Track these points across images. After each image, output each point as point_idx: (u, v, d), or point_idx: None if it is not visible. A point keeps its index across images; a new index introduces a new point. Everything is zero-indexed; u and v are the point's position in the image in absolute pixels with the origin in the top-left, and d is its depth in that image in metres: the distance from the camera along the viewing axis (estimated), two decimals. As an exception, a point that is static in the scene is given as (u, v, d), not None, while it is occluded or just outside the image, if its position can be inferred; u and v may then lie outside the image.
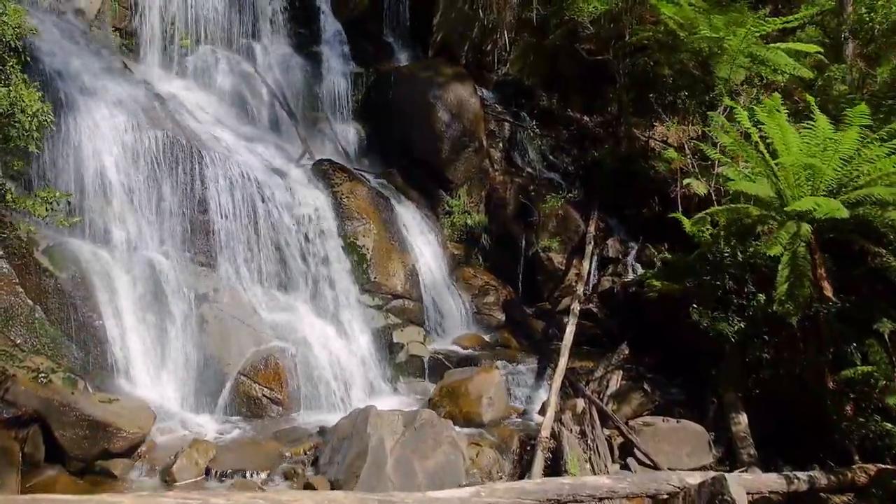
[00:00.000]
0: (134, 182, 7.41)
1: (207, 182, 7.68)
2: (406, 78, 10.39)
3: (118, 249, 7.14)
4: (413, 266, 8.68)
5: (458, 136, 9.95)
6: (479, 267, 9.87)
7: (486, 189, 10.20)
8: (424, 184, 9.98)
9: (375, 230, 8.50)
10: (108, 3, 9.14)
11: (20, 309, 6.38)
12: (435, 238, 9.44)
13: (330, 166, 8.90)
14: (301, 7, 11.12)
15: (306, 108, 10.61)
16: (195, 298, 7.21)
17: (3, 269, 6.44)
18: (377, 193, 8.96)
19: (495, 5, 11.25)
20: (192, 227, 7.54)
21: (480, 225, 9.99)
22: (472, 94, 10.31)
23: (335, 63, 11.01)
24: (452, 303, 9.03)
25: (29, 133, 5.55)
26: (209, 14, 9.90)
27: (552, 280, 9.56)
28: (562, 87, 12.31)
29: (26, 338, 6.33)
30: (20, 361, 6.10)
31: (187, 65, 9.64)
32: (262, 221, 7.85)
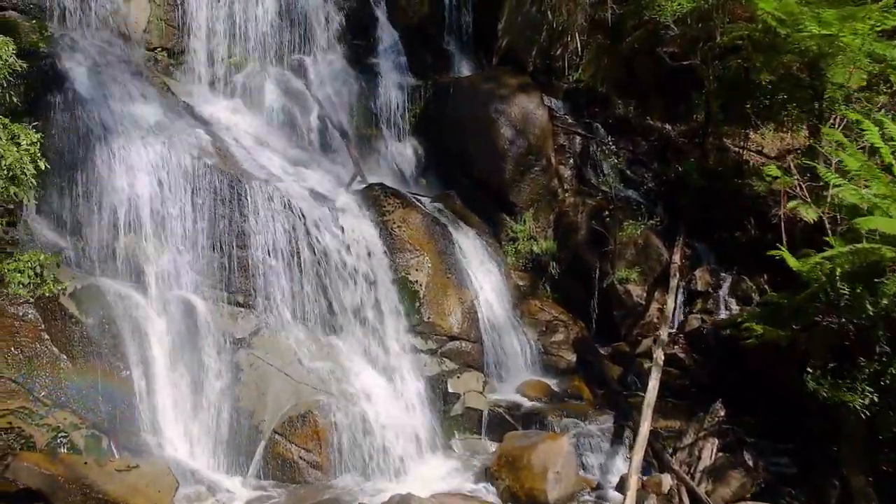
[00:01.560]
0: (169, 216, 6.86)
1: (247, 214, 7.05)
2: (466, 90, 9.51)
3: (151, 290, 6.60)
4: (471, 302, 7.78)
5: (523, 153, 8.97)
6: (546, 299, 8.86)
7: (554, 212, 9.18)
8: (486, 207, 9.06)
9: (430, 263, 7.65)
10: (155, 23, 8.70)
11: (45, 358, 5.92)
12: (497, 268, 8.50)
13: (381, 191, 8.12)
14: (356, 17, 10.42)
15: (360, 125, 9.91)
16: (231, 344, 6.58)
17: (29, 315, 6.00)
18: (432, 221, 8.12)
19: (565, 7, 10.20)
20: (229, 263, 6.92)
21: (548, 252, 8.98)
22: (539, 105, 9.31)
23: (391, 75, 10.25)
24: (516, 342, 8.07)
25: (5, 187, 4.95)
26: (259, 29, 9.33)
27: (630, 316, 8.43)
28: (640, 93, 11.12)
29: (51, 390, 5.85)
30: (41, 419, 5.63)
31: (235, 84, 9.11)
32: (305, 256, 7.15)
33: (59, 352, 5.98)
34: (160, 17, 8.71)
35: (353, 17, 10.38)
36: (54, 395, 5.81)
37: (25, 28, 7.28)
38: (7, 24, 7.21)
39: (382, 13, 10.74)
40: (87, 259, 6.62)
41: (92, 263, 6.62)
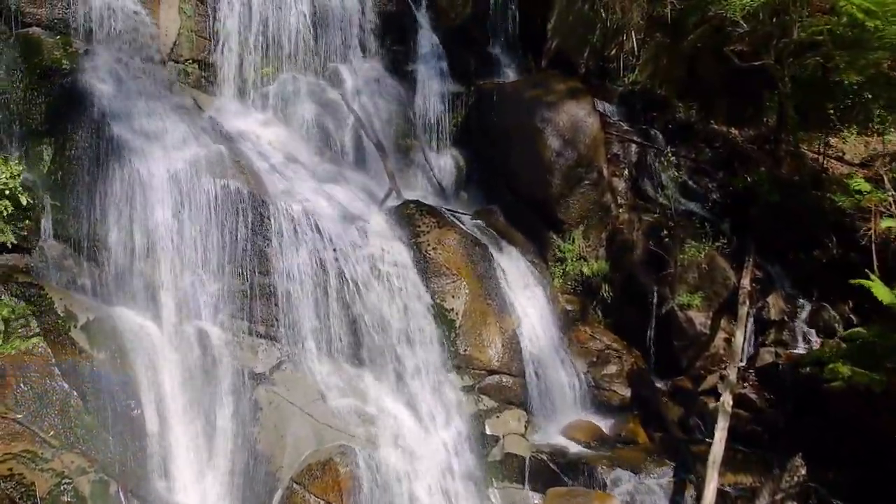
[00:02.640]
0: (188, 239, 6.45)
1: (270, 237, 6.58)
2: (510, 97, 8.81)
3: (167, 320, 6.19)
4: (513, 331, 7.10)
5: (572, 165, 8.21)
6: (597, 325, 8.08)
7: (607, 229, 8.36)
8: (531, 224, 8.34)
9: (467, 289, 7.01)
10: (186, 34, 8.36)
11: (55, 395, 5.57)
12: (542, 292, 7.78)
13: (416, 209, 7.52)
14: (395, 21, 9.86)
15: (398, 136, 9.35)
16: (250, 379, 6.11)
17: (40, 348, 5.67)
18: (472, 241, 7.46)
19: (619, 5, 9.36)
20: (251, 291, 6.45)
21: (600, 274, 8.19)
22: (590, 112, 8.52)
23: (431, 82, 9.65)
24: (563, 375, 7.33)
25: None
26: (292, 37, 8.89)
27: (693, 347, 7.56)
28: (702, 94, 10.19)
29: (59, 430, 5.49)
30: (45, 463, 5.27)
31: (267, 95, 8.68)
32: (332, 282, 6.62)
33: (70, 388, 5.62)
34: (191, 28, 8.37)
35: (392, 22, 9.83)
36: (63, 436, 5.45)
37: (49, 45, 7.02)
38: (30, 41, 6.97)
39: (423, 16, 10.15)
40: (103, 286, 6.28)
41: (108, 291, 6.27)
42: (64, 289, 6.07)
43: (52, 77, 6.85)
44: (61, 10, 7.25)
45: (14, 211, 5.95)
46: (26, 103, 6.72)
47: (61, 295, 5.91)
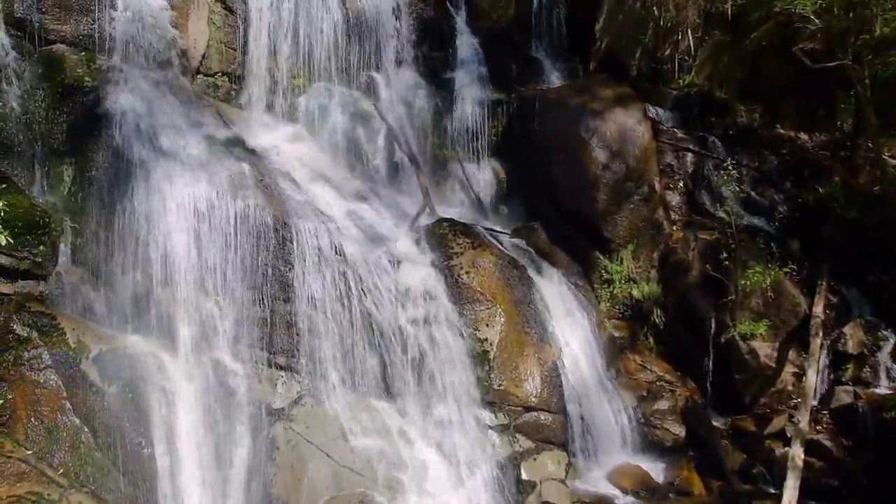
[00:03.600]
0: (206, 264, 6.12)
1: (292, 261, 6.20)
2: (553, 104, 8.20)
3: (183, 350, 5.87)
4: (553, 363, 6.50)
5: (620, 179, 7.54)
6: (648, 353, 7.39)
7: (659, 249, 7.66)
8: (575, 243, 7.71)
9: (503, 316, 6.45)
10: (215, 46, 8.09)
11: (66, 430, 5.33)
12: (587, 317, 7.14)
13: (449, 228, 7.01)
14: (432, 26, 9.38)
15: (434, 147, 8.87)
16: (268, 415, 5.74)
17: (51, 381, 5.43)
18: (509, 262, 6.90)
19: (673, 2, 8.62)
20: (271, 319, 6.08)
21: (651, 297, 7.50)
22: (641, 120, 7.82)
23: (470, 89, 9.12)
24: (609, 410, 6.69)
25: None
26: (324, 47, 8.52)
27: (756, 381, 6.79)
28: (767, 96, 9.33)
29: (69, 467, 5.24)
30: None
31: (297, 107, 8.34)
32: (357, 310, 6.19)
33: (81, 423, 5.36)
34: (220, 40, 8.10)
35: (429, 27, 9.35)
36: (72, 473, 5.20)
37: (72, 62, 6.82)
38: (53, 58, 6.78)
39: (461, 19, 9.63)
40: (119, 314, 6.00)
41: (124, 319, 6.00)
42: (78, 317, 5.82)
43: (74, 95, 6.64)
44: (87, 25, 7.05)
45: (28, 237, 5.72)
46: (48, 123, 6.53)
47: (74, 324, 5.66)
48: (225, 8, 8.15)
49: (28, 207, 5.90)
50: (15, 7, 6.61)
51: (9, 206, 5.77)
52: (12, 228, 5.68)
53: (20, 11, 6.63)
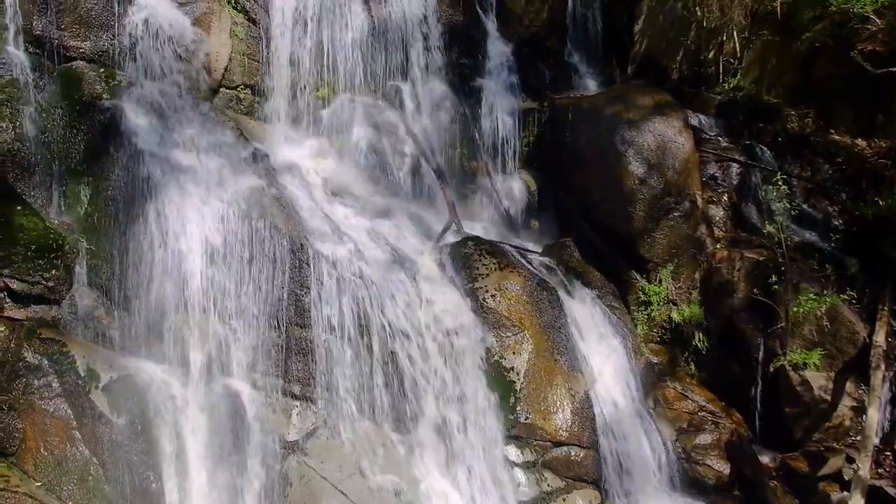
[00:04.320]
0: (221, 288, 5.91)
1: (309, 285, 5.93)
2: (586, 114, 7.76)
3: (195, 377, 5.67)
4: (585, 393, 6.08)
5: (659, 195, 7.05)
6: (689, 380, 6.90)
7: (701, 268, 7.14)
8: (610, 262, 7.27)
9: (531, 343, 6.06)
10: (238, 59, 7.90)
11: (75, 462, 5.17)
12: (622, 343, 6.69)
13: (475, 247, 6.65)
14: (462, 32, 9.02)
15: (462, 159, 8.53)
16: (281, 448, 5.48)
17: (61, 410, 5.28)
18: (538, 284, 6.49)
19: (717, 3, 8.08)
20: (287, 345, 5.83)
21: (692, 320, 6.99)
22: (681, 130, 7.31)
23: (500, 98, 8.75)
24: (645, 443, 6.23)
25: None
26: (348, 56, 8.25)
27: (809, 415, 6.24)
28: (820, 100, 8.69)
29: (77, 499, 5.08)
30: (57, 542, 4.83)
31: (321, 120, 8.09)
32: (376, 336, 5.88)
33: (90, 454, 5.19)
34: (243, 52, 7.90)
35: (458, 33, 8.99)
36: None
37: (90, 79, 6.69)
38: (71, 75, 6.67)
39: (492, 25, 9.25)
40: (133, 338, 5.83)
41: (138, 344, 5.82)
42: (90, 342, 5.66)
43: (91, 113, 6.49)
44: (106, 41, 6.91)
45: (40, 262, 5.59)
46: (65, 142, 6.39)
47: (85, 351, 5.50)
48: (248, 19, 7.95)
49: (42, 230, 5.77)
50: (34, 24, 6.50)
51: (23, 229, 5.68)
52: (25, 252, 5.59)
53: (39, 28, 6.52)
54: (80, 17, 6.77)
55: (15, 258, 5.52)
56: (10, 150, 6.01)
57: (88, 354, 5.49)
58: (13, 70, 6.29)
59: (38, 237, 5.71)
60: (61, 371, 5.32)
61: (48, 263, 5.67)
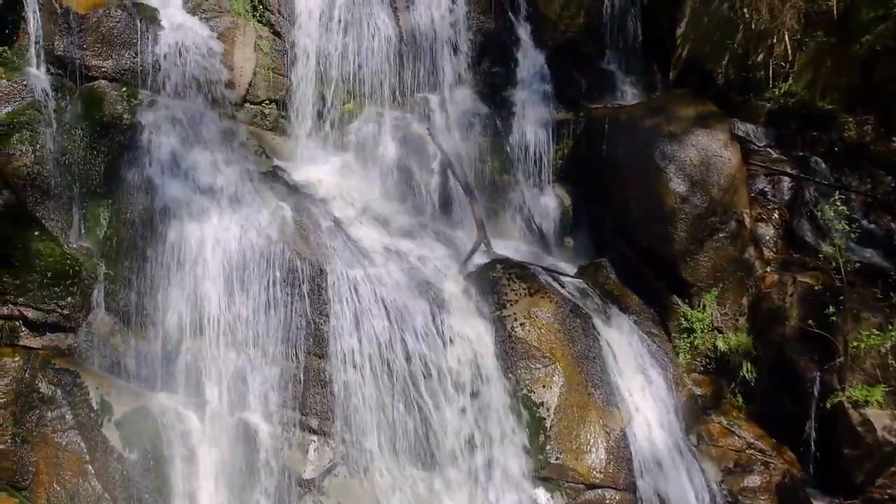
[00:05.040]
0: (238, 314, 5.70)
1: (328, 313, 5.69)
2: (624, 126, 7.31)
3: (210, 409, 5.48)
4: (622, 431, 5.67)
5: (703, 214, 6.57)
6: (736, 414, 6.40)
7: (749, 294, 6.63)
8: (649, 284, 6.81)
9: (563, 376, 5.68)
10: (262, 73, 7.71)
11: (87, 497, 5.07)
12: (662, 373, 6.24)
13: (503, 271, 6.30)
14: (493, 39, 8.67)
15: (493, 173, 8.16)
16: (297, 486, 5.24)
17: (74, 444, 5.15)
18: (571, 311, 6.10)
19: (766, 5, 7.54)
20: (305, 376, 5.59)
21: (740, 349, 6.49)
22: (726, 144, 6.80)
23: (533, 108, 8.36)
24: (688, 486, 5.77)
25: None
26: (376, 67, 7.98)
27: (871, 458, 5.69)
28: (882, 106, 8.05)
29: (89, 537, 4.93)
30: (64, 584, 4.67)
31: (347, 134, 7.84)
32: (398, 367, 5.60)
33: (103, 490, 5.05)
34: (267, 66, 7.71)
35: (489, 41, 8.64)
36: (91, 546, 4.87)
37: (111, 98, 6.58)
38: (93, 95, 6.56)
39: (525, 31, 8.86)
40: (149, 368, 5.68)
41: (153, 373, 5.67)
42: (105, 372, 5.53)
43: (112, 133, 6.39)
44: (129, 59, 6.78)
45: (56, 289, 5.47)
46: (85, 163, 6.28)
47: (99, 382, 5.36)
48: (273, 32, 7.76)
49: (58, 256, 5.65)
50: (55, 44, 6.41)
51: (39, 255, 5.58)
52: (41, 280, 5.49)
53: (60, 49, 6.44)
54: (103, 35, 6.66)
55: (30, 286, 5.42)
56: (29, 173, 5.91)
57: (102, 385, 5.34)
58: (34, 92, 6.21)
59: (55, 263, 5.60)
60: (74, 403, 5.19)
61: (64, 290, 5.55)
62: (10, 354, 5.22)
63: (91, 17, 6.62)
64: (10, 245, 5.45)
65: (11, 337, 5.32)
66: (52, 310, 5.47)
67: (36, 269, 5.48)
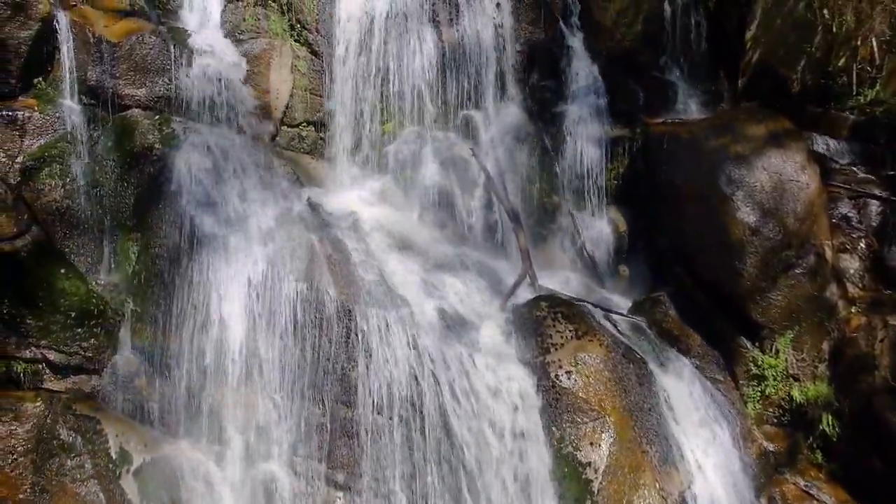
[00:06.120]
0: (263, 358, 5.41)
1: (356, 357, 5.32)
2: (685, 146, 6.64)
3: (232, 460, 5.19)
4: (680, 495, 5.08)
5: (776, 247, 5.84)
6: (815, 475, 5.66)
7: (830, 338, 5.85)
8: (714, 323, 6.12)
9: (613, 431, 5.11)
10: (300, 94, 7.44)
11: (106, 553, 4.81)
12: (728, 426, 5.58)
13: (548, 310, 5.76)
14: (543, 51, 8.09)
15: (541, 195, 7.61)
16: (321, 551, 4.86)
17: (92, 493, 4.96)
18: (623, 356, 5.52)
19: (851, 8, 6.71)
20: (331, 426, 5.24)
21: (820, 400, 5.73)
22: (804, 165, 6.05)
23: (585, 125, 7.75)
24: (759, 559, 5.08)
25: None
26: (417, 85, 7.57)
27: (983, 538, 4.83)
28: None
29: None
30: None
31: (386, 157, 7.46)
32: (430, 418, 5.16)
33: (122, 545, 4.83)
34: (305, 87, 7.43)
35: (538, 53, 8.08)
36: None
37: (143, 127, 6.41)
38: (126, 125, 6.42)
39: (578, 41, 8.23)
40: (172, 413, 5.45)
41: (176, 419, 5.43)
42: (127, 417, 5.32)
43: (142, 164, 6.22)
44: (162, 87, 6.61)
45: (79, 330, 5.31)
46: (116, 195, 6.13)
47: (119, 429, 5.15)
48: (311, 52, 7.47)
49: (83, 294, 5.50)
50: (88, 75, 6.29)
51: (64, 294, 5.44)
52: (64, 320, 5.34)
53: (93, 79, 6.30)
54: (136, 63, 6.50)
55: (53, 327, 5.27)
56: (58, 208, 5.79)
57: (123, 433, 5.14)
58: (67, 124, 6.09)
59: (80, 302, 5.44)
60: (94, 451, 5.01)
61: (87, 332, 5.38)
62: (32, 399, 5.09)
63: (124, 44, 6.48)
64: (36, 285, 5.33)
65: (35, 380, 5.19)
66: (75, 352, 5.31)
67: (60, 310, 5.34)
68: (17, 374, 5.12)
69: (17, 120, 5.87)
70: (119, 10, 6.77)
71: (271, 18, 7.36)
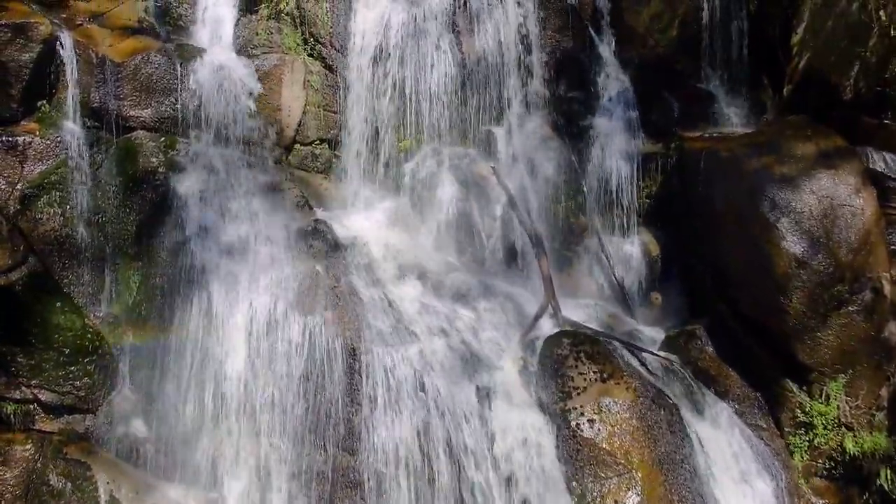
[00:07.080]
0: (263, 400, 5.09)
1: (361, 400, 4.96)
2: (724, 165, 6.09)
3: (227, 510, 4.86)
4: (717, 562, 4.51)
5: (826, 280, 5.25)
6: (872, 536, 5.03)
7: (890, 383, 5.23)
8: (755, 361, 5.56)
9: (640, 487, 4.63)
10: (312, 111, 7.13)
11: None
12: (772, 480, 5.02)
13: (571, 347, 5.29)
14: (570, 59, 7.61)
15: (570, 215, 7.13)
16: None
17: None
18: (653, 401, 5.02)
19: (913, 12, 6.05)
20: (333, 475, 4.88)
21: (877, 452, 5.13)
22: (858, 189, 5.44)
23: (615, 139, 7.24)
24: None
25: None
26: (436, 99, 7.17)
27: None
28: None
29: None
30: None
31: (403, 176, 7.08)
32: (439, 468, 4.77)
33: None
34: (318, 103, 7.12)
35: (566, 61, 7.59)
36: None
37: (148, 150, 6.18)
38: (130, 148, 6.19)
39: (608, 49, 7.72)
40: (168, 456, 5.18)
41: (173, 462, 5.15)
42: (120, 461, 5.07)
43: (144, 189, 5.99)
44: (168, 107, 6.37)
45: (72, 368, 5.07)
46: (118, 222, 5.92)
47: (111, 475, 4.91)
48: (325, 66, 7.16)
49: (79, 330, 5.27)
50: (91, 97, 6.07)
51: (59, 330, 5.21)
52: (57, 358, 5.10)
53: (97, 100, 6.09)
54: (141, 83, 6.27)
55: (46, 364, 5.05)
56: (57, 237, 5.58)
57: (114, 479, 4.90)
58: (69, 148, 5.88)
59: (74, 338, 5.22)
60: (83, 500, 4.75)
61: (81, 370, 5.15)
62: (22, 442, 4.87)
63: (128, 64, 6.26)
64: (29, 320, 5.11)
65: (25, 421, 4.98)
66: (68, 391, 5.09)
67: (53, 346, 5.12)
68: (6, 415, 4.91)
69: (18, 146, 5.67)
70: (127, 28, 6.58)
71: (284, 32, 7.08)
